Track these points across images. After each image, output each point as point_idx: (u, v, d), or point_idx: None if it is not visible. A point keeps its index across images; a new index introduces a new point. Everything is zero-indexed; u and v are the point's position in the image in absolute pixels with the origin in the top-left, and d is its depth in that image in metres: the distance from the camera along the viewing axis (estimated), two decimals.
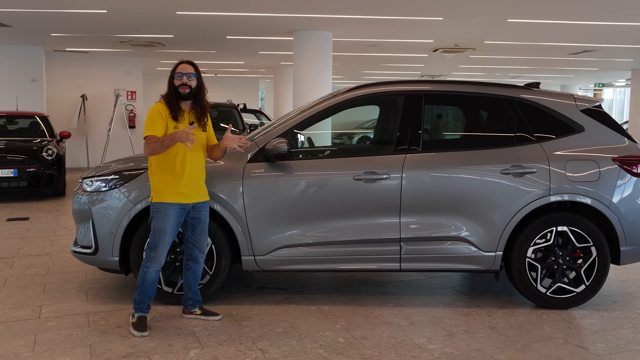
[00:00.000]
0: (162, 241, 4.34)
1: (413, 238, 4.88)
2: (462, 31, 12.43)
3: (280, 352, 4.03)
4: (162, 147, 4.23)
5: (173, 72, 4.40)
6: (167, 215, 4.32)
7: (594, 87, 32.95)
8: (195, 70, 4.42)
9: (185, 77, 4.35)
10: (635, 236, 4.97)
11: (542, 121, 5.06)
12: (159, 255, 4.35)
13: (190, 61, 4.48)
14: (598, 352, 4.10)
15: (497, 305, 5.08)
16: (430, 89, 5.26)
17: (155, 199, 4.37)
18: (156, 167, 4.39)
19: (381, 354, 4.02)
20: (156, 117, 4.33)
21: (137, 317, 4.40)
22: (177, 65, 4.43)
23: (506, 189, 4.87)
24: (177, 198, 4.34)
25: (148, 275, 4.38)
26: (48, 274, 5.90)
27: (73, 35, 13.46)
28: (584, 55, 16.44)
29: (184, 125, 4.35)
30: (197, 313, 4.65)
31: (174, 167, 4.34)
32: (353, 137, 16.67)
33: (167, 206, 4.32)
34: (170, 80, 4.41)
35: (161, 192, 4.34)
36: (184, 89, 4.36)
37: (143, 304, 4.42)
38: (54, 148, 10.89)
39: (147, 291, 4.41)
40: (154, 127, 4.29)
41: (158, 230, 4.34)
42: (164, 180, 4.34)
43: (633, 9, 9.87)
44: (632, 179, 4.96)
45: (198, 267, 4.61)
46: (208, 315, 4.65)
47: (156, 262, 4.36)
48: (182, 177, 4.35)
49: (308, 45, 12.35)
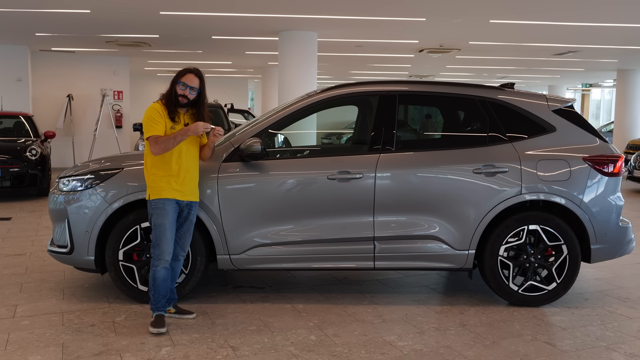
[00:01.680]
0: (164, 237, 4.37)
1: (386, 237, 4.93)
2: (446, 32, 12.51)
3: (251, 350, 4.07)
4: (174, 142, 4.32)
5: (178, 79, 4.44)
6: (165, 211, 4.37)
7: (581, 87, 33.13)
8: (199, 84, 4.47)
9: (188, 90, 4.42)
10: (605, 234, 5.04)
11: (515, 121, 5.12)
12: (164, 252, 4.39)
13: (197, 72, 4.51)
14: (565, 349, 4.17)
15: (470, 303, 5.14)
16: (404, 90, 5.31)
17: (153, 196, 4.41)
18: (152, 166, 4.43)
19: (351, 351, 4.07)
20: (157, 116, 4.39)
21: (154, 316, 4.44)
22: (184, 73, 4.47)
23: (478, 188, 4.93)
24: (174, 194, 4.39)
25: (157, 274, 4.41)
26: (26, 273, 5.92)
27: (58, 35, 13.45)
28: (569, 56, 16.55)
29: (180, 126, 4.44)
30: (171, 312, 4.67)
31: (170, 167, 4.40)
32: (333, 138, 16.72)
33: (164, 201, 4.37)
34: (173, 84, 4.45)
35: (158, 189, 4.39)
36: (182, 99, 4.44)
37: (158, 303, 4.45)
38: (37, 148, 10.88)
39: (159, 290, 4.43)
40: (157, 126, 4.36)
41: (158, 226, 4.38)
42: (161, 177, 4.39)
43: (615, 10, 9.97)
44: (602, 178, 5.03)
45: (177, 265, 4.63)
46: (182, 314, 4.68)
47: (162, 260, 4.39)
48: (178, 175, 4.41)
49: (293, 45, 12.39)
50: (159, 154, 4.35)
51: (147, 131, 4.38)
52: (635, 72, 19.97)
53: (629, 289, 5.63)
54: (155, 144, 4.32)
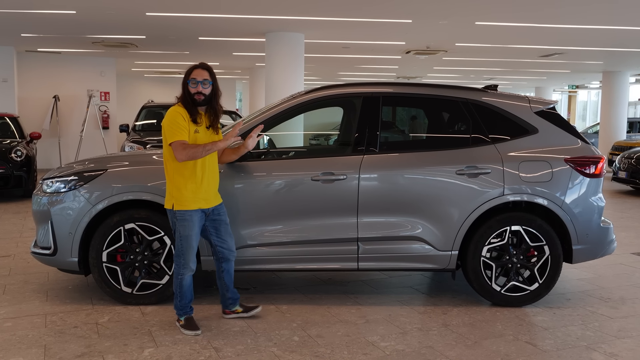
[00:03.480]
0: (190, 248, 4.36)
1: (370, 238, 4.95)
2: (433, 33, 12.56)
3: (234, 351, 4.08)
4: (203, 153, 4.25)
5: (188, 78, 4.36)
6: (191, 222, 4.33)
7: (568, 89, 33.36)
8: (210, 76, 4.39)
9: (200, 86, 4.33)
10: (587, 235, 5.10)
11: (497, 123, 5.16)
12: (189, 261, 4.38)
13: (205, 65, 4.43)
14: (545, 348, 4.21)
15: (453, 303, 5.18)
16: (388, 91, 5.34)
17: (177, 207, 4.33)
18: (175, 174, 4.35)
19: (333, 352, 4.09)
20: (180, 120, 4.28)
21: (184, 319, 4.44)
22: (191, 70, 4.39)
23: (461, 189, 4.96)
24: (199, 204, 4.35)
25: (184, 282, 4.41)
26: (9, 275, 5.89)
27: (44, 36, 13.37)
28: (554, 58, 16.67)
29: (203, 128, 4.38)
30: (239, 311, 4.69)
31: (194, 173, 4.32)
32: (321, 139, 16.77)
33: (191, 213, 4.33)
34: (185, 85, 4.37)
35: (184, 200, 4.32)
36: (199, 97, 4.35)
37: (185, 307, 4.47)
38: (23, 149, 10.82)
39: (186, 296, 4.45)
40: (181, 131, 4.26)
41: (185, 237, 4.34)
42: (185, 187, 4.31)
43: (601, 12, 10.05)
44: (584, 179, 5.08)
45: (231, 267, 4.63)
46: (250, 310, 4.69)
47: (188, 268, 4.39)
48: (202, 182, 4.35)
49: (280, 46, 12.40)
50: (184, 161, 4.26)
51: (171, 136, 4.26)
52: (621, 74, 20.14)
53: (611, 289, 5.69)
54: (183, 150, 4.21)
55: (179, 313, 4.47)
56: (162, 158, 5.20)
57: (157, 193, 4.85)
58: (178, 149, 4.22)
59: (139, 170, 5.07)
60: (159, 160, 5.21)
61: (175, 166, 4.33)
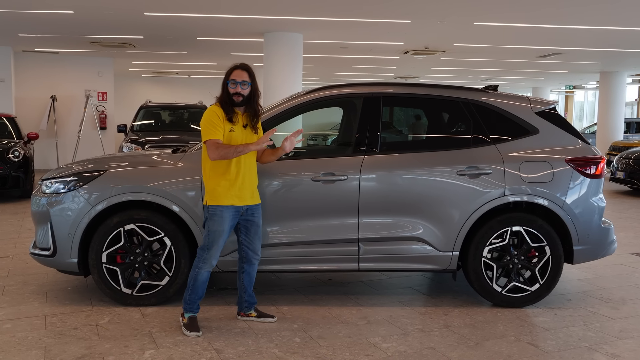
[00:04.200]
0: (216, 243, 4.35)
1: (371, 238, 4.94)
2: (431, 33, 12.57)
3: (235, 352, 4.06)
4: (235, 153, 4.26)
5: (227, 79, 4.39)
6: (222, 218, 4.33)
7: (565, 89, 33.40)
8: (249, 77, 4.41)
9: (239, 86, 4.36)
10: (588, 236, 5.09)
11: (498, 123, 5.15)
12: (212, 257, 4.37)
13: (245, 66, 4.45)
14: (547, 349, 4.20)
15: (454, 304, 5.17)
16: (389, 91, 5.33)
17: (210, 202, 4.36)
18: (210, 171, 4.38)
19: (335, 353, 4.07)
20: (215, 119, 4.32)
21: (187, 317, 4.43)
22: (231, 71, 4.41)
23: (462, 190, 4.95)
24: (232, 200, 4.35)
25: (200, 275, 4.40)
26: (8, 276, 5.86)
27: (41, 36, 13.34)
28: (552, 58, 16.69)
29: (239, 127, 4.39)
30: (253, 315, 4.67)
31: (229, 171, 4.34)
32: (318, 139, 16.74)
33: (222, 209, 4.33)
34: (224, 85, 4.40)
35: (216, 195, 4.33)
36: (237, 98, 4.37)
37: (193, 304, 4.45)
38: (20, 149, 10.79)
39: (197, 291, 4.43)
40: (216, 130, 4.29)
41: (213, 232, 4.35)
42: (219, 184, 4.33)
43: (598, 13, 10.07)
44: (584, 179, 5.07)
45: (253, 269, 4.61)
46: (264, 317, 4.65)
47: (208, 264, 4.38)
48: (236, 180, 4.35)
49: (278, 46, 12.39)
50: (216, 160, 4.29)
51: (206, 134, 4.30)
52: (618, 74, 20.17)
53: (611, 289, 5.68)
54: (215, 149, 4.24)
55: (185, 307, 4.46)
56: (161, 158, 5.24)
57: (157, 194, 4.84)
58: (211, 148, 4.27)
59: (138, 171, 5.05)
60: (158, 160, 5.21)
61: (211, 164, 4.37)
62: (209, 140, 4.29)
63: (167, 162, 5.07)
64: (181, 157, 5.07)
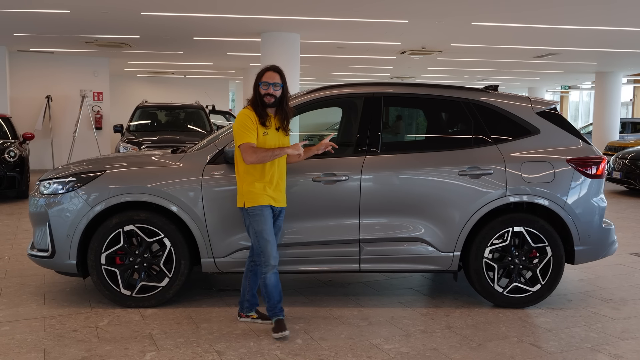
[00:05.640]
0: (267, 243, 4.31)
1: (372, 239, 4.91)
2: (428, 34, 12.54)
3: (237, 354, 4.03)
4: (272, 157, 4.24)
5: (259, 80, 4.36)
6: (263, 217, 4.31)
7: (560, 89, 33.48)
8: (281, 79, 4.39)
9: (271, 88, 4.33)
10: (589, 236, 5.08)
11: (499, 123, 5.13)
12: (269, 257, 4.31)
13: (277, 68, 4.44)
14: (550, 350, 4.18)
15: (455, 305, 5.15)
16: (390, 91, 5.30)
17: (248, 204, 4.32)
18: (245, 174, 4.34)
19: (338, 355, 4.05)
20: (248, 123, 4.29)
21: (274, 321, 4.38)
22: (263, 73, 4.39)
23: (463, 190, 4.93)
24: (269, 200, 4.34)
25: (267, 280, 4.34)
26: (5, 277, 5.81)
27: (37, 35, 13.25)
28: (549, 58, 16.69)
29: (271, 130, 4.36)
30: (254, 317, 4.62)
31: (264, 173, 4.32)
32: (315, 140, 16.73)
33: (261, 208, 4.31)
34: (256, 87, 4.38)
35: (254, 196, 4.30)
36: (269, 99, 4.34)
37: (275, 309, 4.40)
38: (16, 150, 10.72)
39: (273, 296, 4.37)
40: (249, 134, 4.26)
41: (259, 233, 4.31)
42: (254, 185, 4.31)
43: (595, 13, 10.07)
44: (586, 180, 5.06)
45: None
46: (265, 319, 4.57)
47: (269, 265, 4.32)
48: (271, 182, 4.34)
49: (275, 46, 12.33)
50: (252, 163, 4.26)
51: (240, 138, 4.27)
52: (614, 75, 20.20)
53: (611, 290, 5.67)
54: (253, 153, 4.21)
55: (269, 314, 4.42)
56: (161, 159, 5.20)
57: (157, 194, 4.80)
58: (247, 152, 4.23)
59: (137, 172, 5.01)
60: (158, 161, 5.17)
61: (246, 167, 4.34)
62: (244, 144, 4.25)
63: (167, 162, 5.04)
64: (181, 158, 5.03)
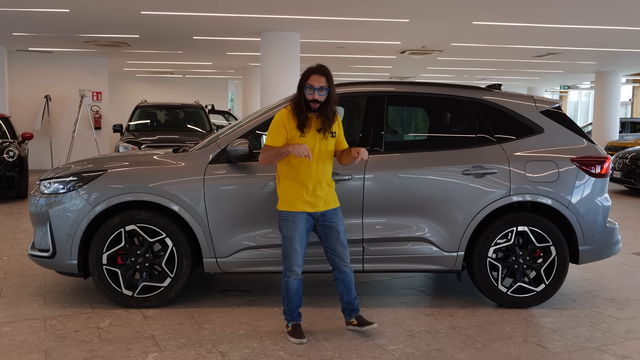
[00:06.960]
0: (292, 250, 4.21)
1: (375, 239, 4.88)
2: (429, 33, 12.52)
3: (240, 355, 4.00)
4: (276, 156, 4.14)
5: (304, 83, 4.15)
6: (294, 224, 4.21)
7: (559, 89, 33.48)
8: (327, 82, 4.15)
9: (317, 93, 4.12)
10: (593, 236, 5.05)
11: (503, 122, 5.10)
12: (293, 263, 4.23)
13: (323, 70, 4.17)
14: (556, 351, 4.15)
15: (459, 305, 5.11)
16: (393, 90, 5.27)
17: (282, 207, 4.25)
18: (282, 175, 4.28)
19: (342, 355, 4.01)
20: (279, 127, 4.16)
21: (291, 326, 4.32)
22: (309, 75, 4.15)
23: (467, 190, 4.90)
24: (303, 206, 4.20)
25: (290, 285, 4.27)
26: (5, 278, 5.77)
27: (36, 35, 13.21)
28: (548, 58, 16.68)
29: (311, 133, 4.18)
30: (354, 324, 4.42)
31: (299, 176, 4.20)
32: None
33: (294, 214, 4.20)
34: (300, 89, 4.18)
35: (287, 200, 4.22)
36: (314, 105, 4.15)
37: (293, 313, 4.34)
38: (15, 149, 10.67)
39: (293, 301, 4.30)
40: (276, 138, 4.15)
41: (287, 239, 4.23)
42: (290, 188, 4.21)
43: (594, 13, 10.05)
44: (590, 179, 5.03)
45: (345, 276, 4.37)
46: (364, 325, 4.37)
47: (293, 272, 4.24)
48: (307, 185, 4.21)
49: (275, 46, 12.31)
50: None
51: (267, 138, 4.21)
52: (613, 74, 20.20)
53: (615, 289, 5.65)
54: (262, 153, 4.18)
55: (286, 318, 4.36)
56: (162, 158, 5.16)
57: (159, 194, 4.77)
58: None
59: (139, 171, 4.97)
60: (159, 160, 5.13)
61: (282, 171, 4.26)
62: (264, 145, 4.21)
63: (169, 161, 5.00)
64: (183, 157, 5.00)
